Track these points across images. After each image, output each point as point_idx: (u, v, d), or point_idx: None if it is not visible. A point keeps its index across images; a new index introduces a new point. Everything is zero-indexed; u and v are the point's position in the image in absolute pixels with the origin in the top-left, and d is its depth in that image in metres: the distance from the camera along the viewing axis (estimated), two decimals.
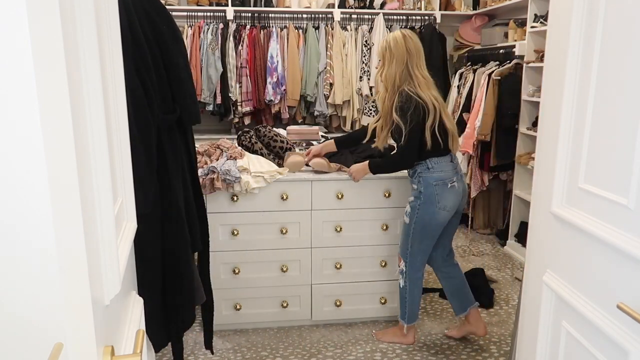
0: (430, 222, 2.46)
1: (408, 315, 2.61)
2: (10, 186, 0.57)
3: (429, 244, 2.52)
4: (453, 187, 2.44)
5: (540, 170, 1.45)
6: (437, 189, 2.42)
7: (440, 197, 2.42)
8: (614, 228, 1.11)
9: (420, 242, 2.49)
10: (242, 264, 2.72)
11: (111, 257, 0.86)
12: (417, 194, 2.46)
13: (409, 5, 4.80)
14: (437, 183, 2.42)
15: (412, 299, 2.58)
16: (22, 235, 0.59)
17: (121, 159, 1.05)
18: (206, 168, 2.54)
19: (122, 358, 0.85)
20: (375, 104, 4.63)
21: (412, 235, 2.48)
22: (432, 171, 2.43)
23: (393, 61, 2.44)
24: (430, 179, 2.42)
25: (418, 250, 2.51)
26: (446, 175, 2.44)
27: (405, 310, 2.61)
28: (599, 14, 1.16)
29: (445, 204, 2.43)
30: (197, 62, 4.30)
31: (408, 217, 2.49)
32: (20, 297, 0.61)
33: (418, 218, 2.45)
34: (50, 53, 0.61)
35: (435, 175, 2.43)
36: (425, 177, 2.43)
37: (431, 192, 2.42)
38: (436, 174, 2.43)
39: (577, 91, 1.25)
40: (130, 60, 1.30)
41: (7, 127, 0.56)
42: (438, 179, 2.43)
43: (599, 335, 1.15)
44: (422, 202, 2.43)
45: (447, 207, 2.45)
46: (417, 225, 2.46)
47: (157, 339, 1.60)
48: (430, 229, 2.47)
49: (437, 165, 2.43)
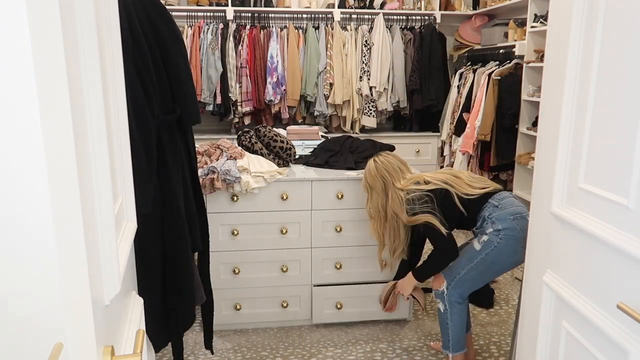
0: (506, 260, 2.15)
1: (452, 343, 2.29)
2: (10, 186, 0.57)
3: (484, 280, 2.26)
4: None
5: (540, 170, 1.45)
6: (518, 224, 2.10)
7: (524, 232, 1.90)
8: (614, 228, 1.11)
9: (479, 274, 2.20)
10: (242, 264, 2.72)
11: (111, 257, 0.86)
12: (496, 232, 2.12)
13: (409, 5, 4.80)
14: (516, 217, 2.12)
15: (455, 327, 2.27)
16: (22, 235, 0.59)
17: (121, 159, 1.05)
18: (206, 168, 2.54)
19: (122, 358, 0.85)
20: (375, 104, 4.63)
21: (475, 264, 2.17)
22: (503, 207, 2.15)
23: (373, 193, 2.37)
24: (505, 214, 2.13)
25: (469, 280, 2.22)
26: (522, 210, 2.15)
27: (448, 338, 2.29)
28: (599, 13, 1.16)
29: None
30: (197, 62, 4.30)
31: (481, 244, 2.17)
32: (20, 297, 0.61)
33: (494, 251, 2.13)
34: (50, 53, 0.61)
35: (509, 210, 2.14)
36: (497, 215, 2.14)
37: (513, 227, 2.10)
38: (510, 209, 2.14)
39: (577, 91, 1.25)
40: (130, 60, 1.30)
41: (7, 127, 0.56)
42: (514, 212, 2.13)
43: (599, 335, 1.15)
44: (504, 235, 2.10)
45: None
46: (489, 257, 2.14)
47: (157, 339, 1.59)
48: (501, 266, 2.19)
49: (504, 201, 2.17)
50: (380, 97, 4.63)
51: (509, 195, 2.25)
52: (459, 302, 2.26)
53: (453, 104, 4.51)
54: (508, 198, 2.22)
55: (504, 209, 2.16)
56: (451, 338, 2.29)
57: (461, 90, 4.43)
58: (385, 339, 2.74)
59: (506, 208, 2.16)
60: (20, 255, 0.60)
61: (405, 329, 2.85)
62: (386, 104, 4.65)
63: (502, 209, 2.16)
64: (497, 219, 2.14)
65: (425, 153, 4.70)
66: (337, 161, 2.91)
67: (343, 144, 3.11)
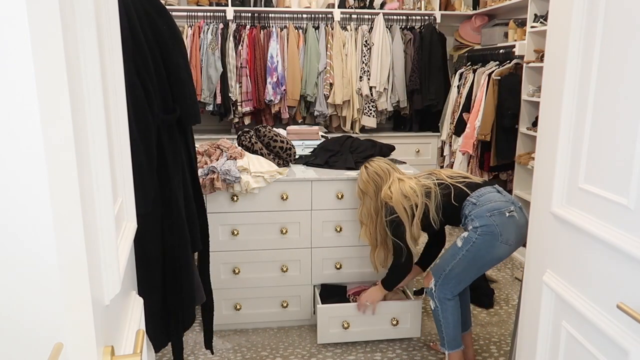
0: (485, 256, 2.19)
1: (447, 340, 2.31)
2: (10, 186, 0.57)
3: (471, 277, 2.28)
4: (513, 216, 2.18)
5: (540, 170, 1.45)
6: (495, 220, 2.16)
7: (501, 228, 2.14)
8: (614, 228, 1.11)
9: (463, 270, 2.23)
10: (242, 264, 2.72)
11: (111, 257, 0.86)
12: (474, 229, 2.19)
13: (409, 5, 4.80)
14: (492, 213, 2.17)
15: (448, 324, 2.29)
16: (22, 235, 0.59)
17: (121, 159, 1.05)
18: (206, 168, 2.54)
19: (122, 358, 0.85)
20: (375, 104, 4.63)
21: (458, 260, 2.22)
22: (480, 204, 2.21)
23: (366, 198, 2.44)
24: (483, 211, 2.18)
25: (455, 277, 2.25)
26: (500, 205, 2.19)
27: (442, 336, 2.32)
28: (599, 13, 1.16)
29: (508, 237, 2.16)
30: (197, 62, 4.30)
31: (462, 241, 2.22)
32: (20, 297, 0.61)
33: (473, 247, 2.18)
34: (50, 53, 0.61)
35: (486, 206, 2.19)
36: (475, 213, 2.20)
37: (490, 223, 2.15)
38: (487, 206, 2.20)
39: (577, 91, 1.25)
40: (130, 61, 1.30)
41: (7, 127, 0.56)
42: (491, 209, 2.18)
43: (599, 335, 1.15)
44: (481, 232, 2.16)
45: (510, 241, 2.17)
46: (469, 253, 2.19)
47: (157, 339, 1.59)
48: (483, 262, 2.22)
49: (483, 198, 2.23)
50: (380, 97, 4.63)
51: (490, 191, 2.28)
52: (449, 298, 2.28)
53: (453, 104, 4.51)
54: (488, 194, 2.26)
55: (481, 206, 2.21)
56: (445, 335, 2.31)
57: (461, 90, 4.43)
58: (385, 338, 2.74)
59: (484, 205, 2.21)
60: (20, 256, 0.60)
61: None
62: (386, 104, 4.65)
63: (480, 206, 2.22)
64: (475, 217, 2.20)
65: (425, 153, 4.70)
66: (337, 161, 2.91)
67: (343, 144, 3.11)
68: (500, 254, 2.20)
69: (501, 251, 2.19)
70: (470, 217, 2.22)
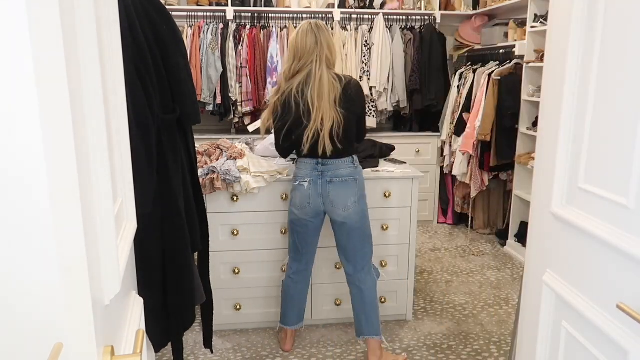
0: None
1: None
2: (10, 186, 0.57)
3: (289, 242, 2.54)
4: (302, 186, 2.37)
5: (540, 170, 1.45)
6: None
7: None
8: (614, 228, 1.11)
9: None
10: (242, 264, 2.72)
11: (111, 257, 0.86)
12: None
13: (409, 5, 4.80)
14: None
15: (282, 296, 2.61)
16: (22, 235, 0.59)
17: (121, 159, 1.05)
18: (206, 168, 2.54)
19: (122, 358, 0.85)
20: (375, 104, 4.63)
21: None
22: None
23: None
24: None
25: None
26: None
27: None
28: (599, 13, 1.16)
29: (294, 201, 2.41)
30: (197, 62, 4.30)
31: None
32: (20, 297, 0.61)
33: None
34: (50, 53, 0.61)
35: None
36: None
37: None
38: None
39: (577, 91, 1.25)
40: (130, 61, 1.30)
41: (7, 127, 0.56)
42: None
43: (599, 335, 1.15)
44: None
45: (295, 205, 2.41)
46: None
47: (157, 339, 1.59)
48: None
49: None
50: (380, 97, 4.62)
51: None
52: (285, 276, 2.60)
53: (453, 104, 4.51)
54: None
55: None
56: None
57: (461, 90, 4.43)
58: (385, 339, 2.74)
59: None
60: (20, 255, 0.60)
61: (405, 329, 2.85)
62: (386, 104, 4.64)
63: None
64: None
65: (425, 153, 4.69)
66: None
67: None
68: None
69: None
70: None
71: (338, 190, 2.31)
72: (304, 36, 2.26)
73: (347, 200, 2.31)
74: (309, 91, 2.21)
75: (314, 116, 2.21)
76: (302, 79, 2.24)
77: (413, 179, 2.76)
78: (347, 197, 2.31)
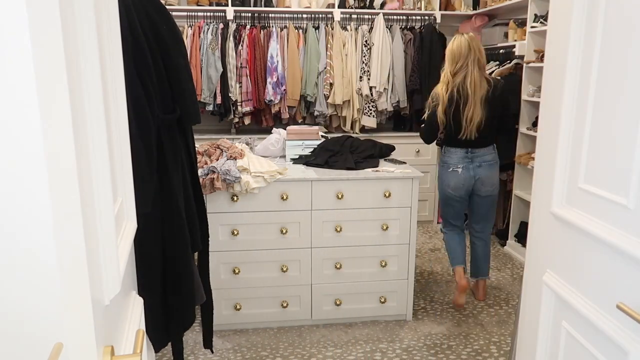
0: (440, 185, 3.10)
1: (450, 258, 3.14)
2: (10, 186, 0.57)
3: (446, 211, 3.11)
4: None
5: (540, 170, 1.45)
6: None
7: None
8: (614, 228, 1.11)
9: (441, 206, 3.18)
10: (242, 264, 2.72)
11: (111, 257, 0.86)
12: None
13: (409, 5, 4.80)
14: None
15: (448, 247, 3.16)
16: (22, 235, 0.59)
17: (121, 159, 1.05)
18: (206, 168, 2.54)
19: (122, 358, 0.85)
20: (375, 104, 4.63)
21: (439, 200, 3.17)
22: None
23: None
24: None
25: (442, 214, 3.19)
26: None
27: (448, 256, 3.16)
28: (599, 14, 1.16)
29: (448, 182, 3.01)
30: (197, 62, 4.30)
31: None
32: (20, 297, 0.61)
33: (438, 180, 3.23)
34: (50, 54, 0.61)
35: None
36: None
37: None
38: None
39: (577, 91, 1.25)
40: (130, 61, 1.30)
41: (7, 128, 0.56)
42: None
43: (599, 335, 1.15)
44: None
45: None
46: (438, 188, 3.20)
47: (157, 339, 1.59)
48: (442, 193, 3.11)
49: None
50: (380, 97, 4.62)
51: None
52: (443, 231, 3.19)
53: None
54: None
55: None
56: (449, 256, 3.16)
57: None
58: (385, 339, 2.74)
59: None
60: (20, 255, 0.60)
61: (405, 329, 2.85)
62: (386, 104, 4.64)
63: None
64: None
65: (425, 153, 4.69)
66: (337, 161, 2.91)
67: (343, 144, 3.11)
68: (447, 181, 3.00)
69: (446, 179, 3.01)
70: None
71: (486, 172, 2.96)
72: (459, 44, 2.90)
73: (493, 179, 3.00)
74: (465, 89, 2.83)
75: (467, 111, 2.83)
76: (460, 80, 2.85)
77: (413, 179, 2.76)
78: (493, 177, 3.00)
